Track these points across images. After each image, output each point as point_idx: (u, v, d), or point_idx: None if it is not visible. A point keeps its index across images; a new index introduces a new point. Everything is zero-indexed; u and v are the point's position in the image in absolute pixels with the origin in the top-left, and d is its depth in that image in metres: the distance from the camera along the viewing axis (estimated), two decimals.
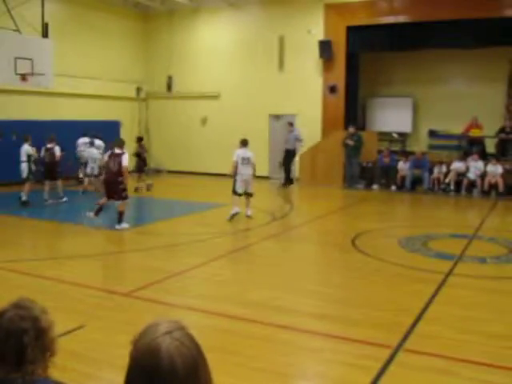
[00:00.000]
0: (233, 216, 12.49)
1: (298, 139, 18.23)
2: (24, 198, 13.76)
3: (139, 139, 17.78)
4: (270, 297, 7.10)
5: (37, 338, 2.47)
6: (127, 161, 11.46)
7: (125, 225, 11.56)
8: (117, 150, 11.54)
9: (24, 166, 13.82)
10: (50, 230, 11.77)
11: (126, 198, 11.61)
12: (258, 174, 20.56)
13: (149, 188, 16.97)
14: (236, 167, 13.00)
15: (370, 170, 18.65)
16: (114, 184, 11.42)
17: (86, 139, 17.57)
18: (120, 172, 11.34)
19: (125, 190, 11.55)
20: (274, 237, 10.85)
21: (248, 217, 12.75)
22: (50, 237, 11.15)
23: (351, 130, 18.35)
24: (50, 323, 2.57)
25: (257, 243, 10.24)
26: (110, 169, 11.48)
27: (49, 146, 14.64)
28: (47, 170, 14.50)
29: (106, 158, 11.85)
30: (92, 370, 4.98)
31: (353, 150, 18.22)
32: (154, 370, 1.38)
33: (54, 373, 2.64)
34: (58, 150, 14.69)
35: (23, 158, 13.82)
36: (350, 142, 18.15)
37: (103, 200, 11.86)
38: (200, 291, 7.49)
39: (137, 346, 1.44)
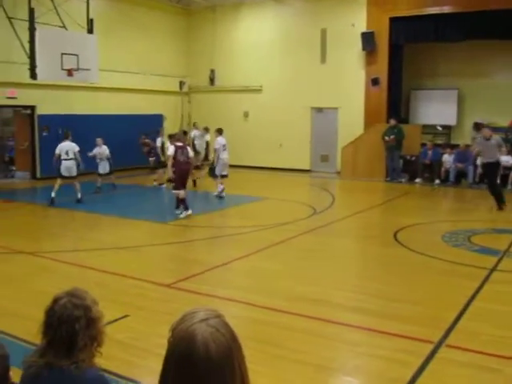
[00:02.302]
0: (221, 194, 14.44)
1: (499, 146, 13.26)
2: (79, 195, 13.63)
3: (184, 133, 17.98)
4: (311, 290, 7.12)
5: (87, 326, 2.56)
6: (192, 152, 12.69)
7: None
8: (179, 143, 12.22)
9: (72, 164, 13.56)
10: (96, 222, 12.04)
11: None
12: (299, 167, 20.68)
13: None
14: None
15: (413, 163, 18.40)
16: (187, 174, 12.27)
17: (197, 132, 18.17)
18: (190, 162, 12.30)
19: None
20: (314, 230, 10.83)
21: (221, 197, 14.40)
22: (94, 228, 11.41)
23: (392, 122, 18.15)
24: (100, 314, 2.66)
25: (298, 237, 10.25)
26: (182, 160, 12.00)
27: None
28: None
29: (170, 151, 12.10)
30: (135, 358, 5.11)
31: (394, 143, 18.02)
32: (189, 355, 1.43)
33: (99, 361, 2.74)
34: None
35: (71, 155, 13.52)
36: (387, 138, 17.98)
37: (182, 193, 12.13)
38: (241, 283, 7.56)
39: (174, 332, 1.49)
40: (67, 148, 13.53)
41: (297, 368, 4.92)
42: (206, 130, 18.85)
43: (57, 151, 13.61)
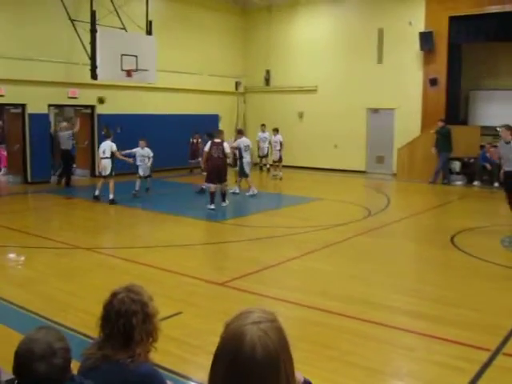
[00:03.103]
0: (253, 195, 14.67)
1: None
2: (111, 196, 13.44)
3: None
4: (365, 292, 7.05)
5: (144, 321, 2.62)
6: (228, 148, 13.21)
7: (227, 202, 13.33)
8: (217, 140, 12.97)
9: (108, 163, 13.54)
10: (150, 220, 12.25)
11: (226, 180, 13.23)
12: (355, 168, 20.51)
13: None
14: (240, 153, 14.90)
15: (472, 165, 17.97)
16: (219, 169, 12.84)
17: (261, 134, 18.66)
18: (225, 158, 13.00)
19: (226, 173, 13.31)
20: (369, 232, 10.72)
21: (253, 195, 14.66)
22: (149, 226, 11.61)
23: (439, 124, 17.92)
24: (156, 311, 2.72)
25: (352, 238, 10.16)
26: (216, 156, 12.81)
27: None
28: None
29: (206, 148, 12.94)
30: (188, 355, 5.18)
31: (441, 145, 17.80)
32: (235, 354, 1.45)
33: (154, 356, 2.79)
34: None
35: (107, 154, 13.52)
36: (433, 150, 17.88)
37: (212, 187, 12.85)
38: (295, 284, 7.55)
39: (227, 329, 1.52)
40: (105, 147, 13.65)
41: (349, 371, 4.87)
42: (276, 130, 19.04)
43: (98, 151, 13.96)
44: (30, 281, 7.52)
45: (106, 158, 13.60)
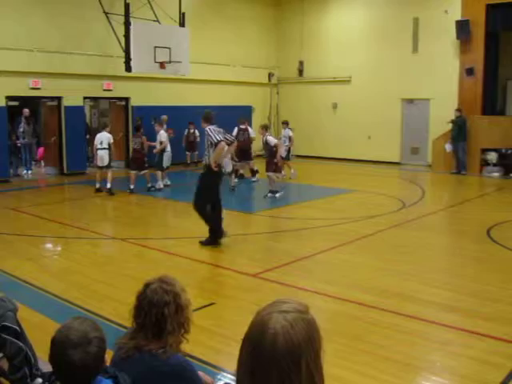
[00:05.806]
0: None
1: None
2: (109, 185, 13.52)
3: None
4: (399, 285, 6.97)
5: (176, 312, 2.63)
6: (253, 133, 15.71)
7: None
8: (242, 126, 15.36)
9: (105, 154, 13.62)
10: (183, 211, 12.32)
11: (251, 159, 15.65)
12: (389, 159, 20.27)
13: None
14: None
15: (509, 156, 17.60)
16: (246, 150, 15.19)
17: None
18: (249, 142, 15.43)
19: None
20: (403, 224, 10.59)
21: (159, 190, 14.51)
22: (182, 217, 11.68)
23: (456, 113, 17.67)
24: (188, 302, 2.73)
25: (386, 230, 10.05)
26: (242, 140, 14.80)
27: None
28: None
29: (234, 132, 14.52)
30: (220, 345, 5.19)
31: (456, 135, 17.70)
32: (257, 340, 1.45)
33: (185, 347, 2.80)
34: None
35: (104, 145, 13.57)
36: (447, 148, 17.97)
37: (238, 165, 15.00)
38: (327, 276, 7.51)
39: (256, 315, 1.52)
40: (102, 138, 13.67)
41: (382, 364, 4.82)
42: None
43: (94, 142, 13.97)
44: (66, 270, 7.64)
45: (104, 148, 13.64)
